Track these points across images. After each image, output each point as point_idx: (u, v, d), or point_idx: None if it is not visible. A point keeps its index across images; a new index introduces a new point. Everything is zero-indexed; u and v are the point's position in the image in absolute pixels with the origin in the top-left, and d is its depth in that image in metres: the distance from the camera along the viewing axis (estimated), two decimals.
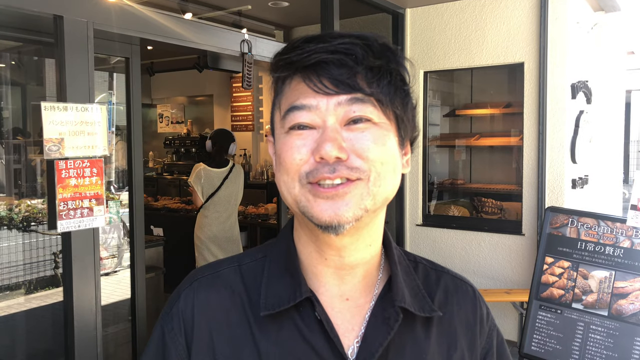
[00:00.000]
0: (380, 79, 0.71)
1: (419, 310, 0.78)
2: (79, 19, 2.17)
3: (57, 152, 2.08)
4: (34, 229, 4.67)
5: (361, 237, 0.76)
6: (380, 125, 0.71)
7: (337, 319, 0.76)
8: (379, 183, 0.71)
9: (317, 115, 0.70)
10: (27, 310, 4.56)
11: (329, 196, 0.69)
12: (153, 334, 0.81)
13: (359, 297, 0.79)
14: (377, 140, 0.70)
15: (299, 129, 0.71)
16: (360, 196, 0.70)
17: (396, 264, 0.81)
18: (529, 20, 4.06)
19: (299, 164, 0.70)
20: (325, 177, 0.68)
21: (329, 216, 0.69)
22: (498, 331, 0.90)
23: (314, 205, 0.70)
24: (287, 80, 0.74)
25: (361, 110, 0.70)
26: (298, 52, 0.71)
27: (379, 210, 0.76)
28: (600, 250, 2.97)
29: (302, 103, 0.71)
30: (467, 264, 4.34)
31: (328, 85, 0.69)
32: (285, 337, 0.74)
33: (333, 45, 0.70)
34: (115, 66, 7.09)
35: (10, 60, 5.30)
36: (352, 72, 0.70)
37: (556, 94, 3.97)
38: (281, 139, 0.73)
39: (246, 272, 0.80)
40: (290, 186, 0.72)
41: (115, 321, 4.50)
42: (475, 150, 5.09)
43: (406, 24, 4.59)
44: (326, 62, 0.70)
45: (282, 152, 0.72)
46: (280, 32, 5.31)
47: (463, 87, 5.17)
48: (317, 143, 0.69)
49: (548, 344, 2.98)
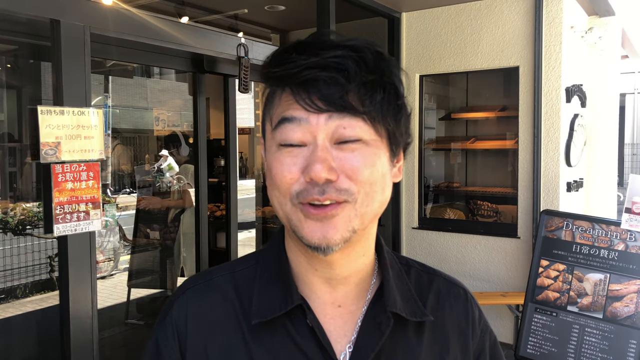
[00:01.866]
0: (373, 95, 0.70)
1: (410, 315, 0.78)
2: (75, 23, 2.17)
3: (54, 156, 2.08)
4: (30, 233, 4.66)
5: (353, 251, 0.76)
6: (370, 144, 0.70)
7: (329, 325, 0.77)
8: (367, 203, 0.71)
9: (307, 130, 0.69)
10: (23, 313, 4.54)
11: (318, 218, 0.69)
12: (148, 343, 0.81)
13: (351, 303, 0.79)
14: (367, 161, 0.70)
15: (290, 147, 0.71)
16: (348, 218, 0.70)
17: (388, 269, 0.81)
18: (524, 24, 4.08)
19: (289, 182, 0.70)
20: (315, 198, 0.68)
21: (318, 238, 0.70)
22: (491, 333, 0.90)
23: (304, 227, 0.70)
24: (277, 92, 0.74)
25: (351, 127, 0.69)
26: (289, 67, 0.69)
27: (370, 225, 0.76)
28: (595, 253, 2.99)
29: (292, 115, 0.70)
30: (463, 267, 4.35)
31: (318, 103, 0.68)
32: (277, 344, 0.74)
33: (325, 60, 0.68)
34: (110, 69, 7.07)
35: (6, 63, 5.29)
36: (344, 90, 0.68)
37: (551, 98, 4.00)
38: (272, 153, 0.73)
39: (239, 279, 0.81)
40: (282, 203, 0.72)
41: (111, 325, 4.49)
42: (470, 154, 5.11)
43: (402, 27, 4.61)
44: (316, 80, 0.68)
45: (273, 169, 0.72)
46: (276, 36, 5.31)
47: (459, 90, 5.20)
48: (307, 162, 0.69)
49: (544, 347, 2.99)
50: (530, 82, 4.05)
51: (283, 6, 4.47)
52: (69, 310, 2.19)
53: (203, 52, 2.88)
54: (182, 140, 4.61)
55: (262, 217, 5.51)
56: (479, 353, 0.87)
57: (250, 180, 9.61)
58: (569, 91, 4.04)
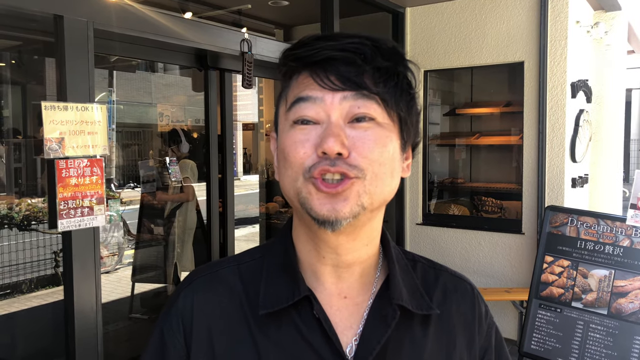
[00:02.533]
0: (387, 80, 0.72)
1: (416, 308, 0.79)
2: (79, 18, 2.17)
3: (58, 152, 2.09)
4: (34, 228, 4.68)
5: (358, 236, 0.76)
6: (383, 126, 0.72)
7: (336, 317, 0.77)
8: (376, 183, 0.72)
9: (321, 109, 0.71)
10: (28, 308, 4.57)
11: (329, 193, 0.70)
12: (153, 333, 0.82)
13: (356, 295, 0.79)
14: (379, 141, 0.71)
15: (303, 124, 0.72)
16: (357, 194, 0.70)
17: (394, 263, 0.81)
18: (528, 19, 4.06)
19: (302, 157, 0.71)
20: (326, 169, 0.69)
21: (327, 210, 0.70)
22: (497, 329, 0.90)
23: (314, 198, 0.71)
24: (294, 74, 0.75)
25: (365, 107, 0.71)
26: (307, 49, 0.72)
27: (377, 211, 0.76)
28: (600, 249, 2.97)
29: (307, 94, 0.72)
30: (467, 263, 4.34)
31: (335, 81, 0.70)
32: (283, 336, 0.75)
33: (342, 44, 0.71)
34: (115, 64, 7.07)
35: (10, 59, 5.30)
36: (360, 70, 0.70)
37: (556, 93, 3.97)
38: (285, 132, 0.74)
39: (245, 271, 0.81)
40: (294, 179, 0.72)
41: (114, 319, 4.51)
42: (475, 149, 5.09)
43: (406, 23, 4.59)
44: (334, 59, 0.71)
45: (286, 147, 0.73)
46: (280, 31, 5.31)
47: (463, 86, 5.18)
48: (321, 138, 0.70)
49: (548, 343, 2.98)
50: (536, 77, 4.03)
51: (287, 1, 4.46)
52: (74, 304, 2.19)
53: (206, 47, 2.88)
54: (182, 137, 4.63)
55: (266, 212, 5.52)
56: (485, 349, 0.87)
57: (254, 176, 9.63)
58: (575, 86, 4.01)
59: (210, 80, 3.17)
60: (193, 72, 4.99)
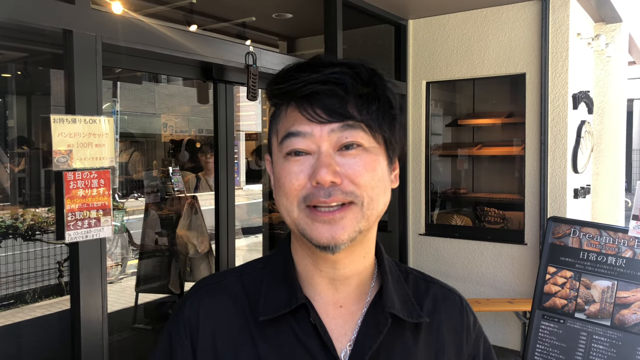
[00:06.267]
0: (369, 106, 0.77)
1: (407, 317, 0.84)
2: (87, 33, 2.20)
3: (66, 164, 2.11)
4: (39, 238, 4.70)
5: (355, 251, 0.82)
6: (370, 150, 0.77)
7: (331, 324, 0.82)
8: (372, 206, 0.78)
9: (312, 142, 0.76)
10: (32, 318, 4.58)
11: (326, 220, 0.75)
12: (161, 338, 0.87)
13: (351, 304, 0.84)
14: (368, 166, 0.77)
15: (296, 155, 0.77)
16: (355, 220, 0.76)
17: (387, 274, 0.87)
18: (530, 31, 4.09)
19: (297, 189, 0.76)
20: (322, 201, 0.75)
21: (326, 239, 0.75)
22: (485, 339, 0.95)
23: (312, 229, 0.76)
24: (282, 107, 0.81)
25: (352, 136, 0.76)
26: (292, 82, 0.77)
27: (372, 227, 0.82)
28: (603, 260, 2.98)
29: (297, 130, 0.77)
30: (470, 274, 4.35)
31: (321, 114, 0.75)
32: (282, 341, 0.80)
33: (324, 75, 0.75)
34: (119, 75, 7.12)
35: (16, 70, 5.35)
36: (343, 101, 0.75)
37: (558, 104, 4.00)
38: (279, 163, 0.79)
39: (247, 281, 0.87)
40: (290, 209, 0.78)
41: (119, 330, 4.52)
42: (477, 160, 5.11)
43: (409, 35, 4.63)
44: (318, 93, 0.75)
45: (281, 177, 0.78)
46: (284, 43, 5.35)
47: (465, 97, 5.21)
48: (313, 168, 0.75)
49: (551, 354, 2.98)
50: (537, 88, 4.06)
51: (290, 14, 4.51)
52: (80, 315, 2.21)
53: (212, 60, 2.91)
54: (182, 147, 4.67)
55: (269, 222, 5.53)
56: (473, 356, 0.92)
57: (258, 185, 9.65)
58: (576, 98, 4.04)
59: (219, 92, 3.19)
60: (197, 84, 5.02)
